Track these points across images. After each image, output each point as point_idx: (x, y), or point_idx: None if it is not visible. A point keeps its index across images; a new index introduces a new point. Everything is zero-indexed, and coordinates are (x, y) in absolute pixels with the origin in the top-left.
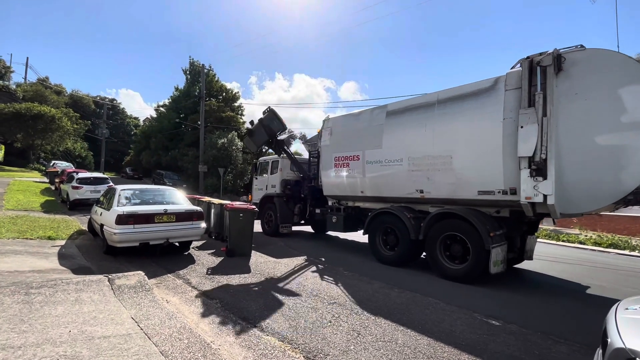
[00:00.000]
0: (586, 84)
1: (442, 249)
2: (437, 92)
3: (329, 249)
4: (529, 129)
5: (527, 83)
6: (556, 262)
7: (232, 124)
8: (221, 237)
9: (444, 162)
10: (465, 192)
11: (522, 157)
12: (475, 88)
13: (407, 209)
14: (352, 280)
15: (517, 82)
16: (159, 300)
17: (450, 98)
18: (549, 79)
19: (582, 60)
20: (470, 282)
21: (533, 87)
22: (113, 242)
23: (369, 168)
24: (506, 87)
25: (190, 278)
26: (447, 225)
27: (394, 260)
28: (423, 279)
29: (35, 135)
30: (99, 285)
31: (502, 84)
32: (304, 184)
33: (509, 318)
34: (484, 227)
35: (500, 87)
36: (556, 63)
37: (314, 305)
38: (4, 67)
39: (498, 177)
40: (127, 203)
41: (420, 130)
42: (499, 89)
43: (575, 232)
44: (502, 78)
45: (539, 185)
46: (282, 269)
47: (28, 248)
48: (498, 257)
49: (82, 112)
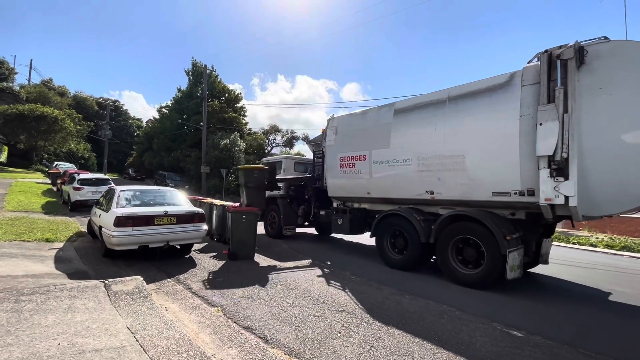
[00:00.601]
0: (611, 78)
1: (455, 253)
2: (447, 89)
3: (334, 252)
4: (549, 126)
5: (546, 78)
6: (571, 266)
7: (234, 125)
8: (223, 240)
9: (455, 161)
10: (479, 194)
11: (541, 156)
12: (489, 84)
13: (416, 211)
14: (360, 286)
15: (534, 77)
16: (157, 308)
17: (462, 95)
18: (570, 73)
19: (606, 53)
20: (484, 288)
21: (552, 82)
22: (111, 245)
23: (376, 168)
24: (523, 83)
25: (191, 283)
26: (460, 228)
27: (403, 264)
28: (434, 284)
29: (38, 136)
30: (94, 292)
31: (518, 80)
32: (307, 185)
33: (532, 328)
34: (500, 230)
35: (517, 82)
36: (578, 56)
37: (322, 314)
38: (8, 69)
39: (514, 177)
40: (127, 204)
41: (430, 128)
42: (515, 84)
43: (585, 234)
44: (518, 73)
45: (559, 186)
46: (286, 274)
47: (24, 251)
48: (515, 261)
49: (85, 114)
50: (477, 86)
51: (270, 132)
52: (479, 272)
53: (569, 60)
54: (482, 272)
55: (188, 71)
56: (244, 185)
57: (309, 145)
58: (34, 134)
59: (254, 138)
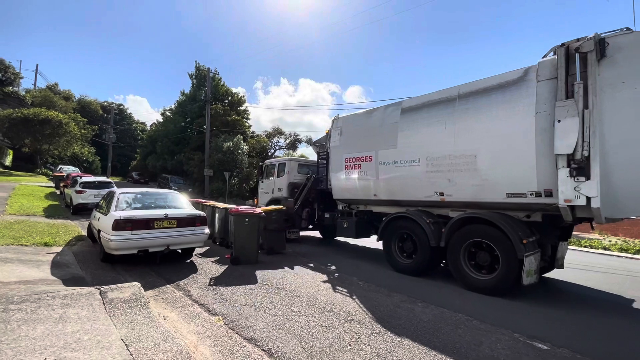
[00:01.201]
0: (635, 71)
1: (467, 258)
2: (457, 86)
3: (340, 256)
4: (568, 122)
5: (563, 72)
6: (586, 271)
7: (237, 127)
8: (226, 243)
9: (467, 161)
10: (492, 195)
11: (559, 154)
12: (501, 80)
13: (425, 213)
14: (369, 292)
15: (551, 71)
16: (155, 317)
17: (473, 92)
18: (590, 66)
19: (629, 45)
20: (499, 295)
21: (570, 76)
22: (110, 250)
23: (383, 169)
24: (538, 78)
25: (191, 290)
26: (473, 231)
27: (412, 269)
28: (446, 290)
29: (43, 140)
30: (88, 299)
31: (533, 75)
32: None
33: (557, 340)
34: (516, 233)
35: (532, 77)
36: (598, 48)
37: (330, 323)
38: (14, 74)
39: (530, 177)
40: (127, 207)
41: (440, 127)
42: (529, 80)
43: (597, 237)
44: (533, 68)
45: (580, 186)
46: (291, 279)
47: (21, 255)
48: (531, 266)
49: (89, 117)
50: (489, 83)
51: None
52: (494, 277)
53: (588, 53)
54: (497, 278)
55: (191, 75)
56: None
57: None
58: (38, 137)
59: (257, 141)
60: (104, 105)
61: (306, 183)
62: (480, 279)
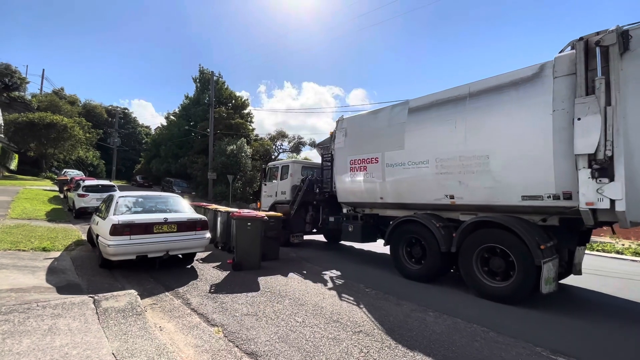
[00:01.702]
0: None
1: (480, 264)
2: (468, 84)
3: (345, 261)
4: (589, 120)
5: (583, 67)
6: (604, 277)
7: (241, 130)
8: (228, 248)
9: (478, 163)
10: (506, 198)
11: (580, 154)
12: (515, 77)
13: (434, 217)
14: (376, 301)
15: (569, 67)
16: (150, 328)
17: (484, 90)
18: (612, 61)
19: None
20: (515, 303)
21: (591, 71)
22: (107, 255)
23: (389, 171)
24: (555, 74)
25: (191, 297)
26: (486, 235)
27: (421, 275)
28: (458, 298)
29: (48, 144)
30: (81, 309)
31: (549, 71)
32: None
33: (584, 355)
34: (533, 239)
35: (548, 74)
36: (621, 42)
37: (336, 335)
38: (20, 78)
39: (548, 179)
40: (127, 211)
41: (450, 127)
42: (545, 76)
43: (608, 241)
44: (549, 64)
45: (603, 188)
46: (295, 286)
47: (17, 261)
48: (550, 273)
49: (94, 122)
50: (502, 80)
51: (277, 138)
52: (509, 285)
53: (610, 47)
54: (513, 285)
55: (195, 78)
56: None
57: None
58: (43, 141)
59: (260, 144)
60: (108, 110)
61: (301, 186)
62: (494, 287)
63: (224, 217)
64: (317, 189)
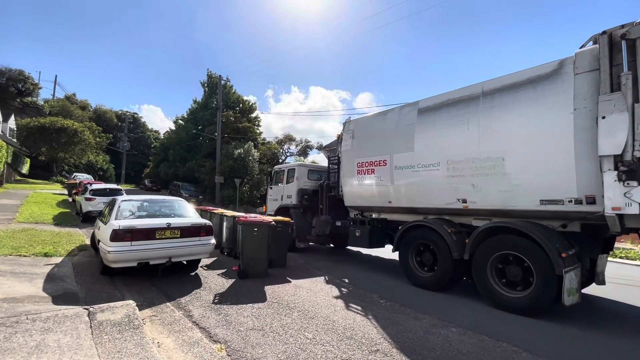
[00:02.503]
0: None
1: (495, 272)
2: (481, 83)
3: (355, 269)
4: (615, 119)
5: (607, 62)
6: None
7: (248, 134)
8: (234, 254)
9: (493, 165)
10: (523, 202)
11: (605, 155)
12: (532, 74)
13: (446, 222)
14: (392, 314)
15: (591, 62)
16: (148, 344)
17: (499, 88)
18: (639, 54)
19: None
20: (533, 315)
21: (616, 67)
22: (108, 262)
23: (398, 174)
24: (576, 71)
25: (193, 309)
26: (501, 242)
27: (431, 283)
28: (481, 311)
29: (59, 148)
30: (74, 323)
31: (569, 67)
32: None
33: None
34: (553, 246)
35: (568, 70)
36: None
37: (351, 355)
38: (33, 84)
39: (569, 182)
40: (130, 216)
41: (462, 128)
42: (566, 73)
43: (630, 247)
44: (569, 60)
45: (632, 192)
46: (304, 296)
47: (16, 268)
48: (572, 283)
49: (105, 126)
50: (518, 77)
51: (285, 142)
52: (527, 295)
53: (637, 40)
54: (531, 296)
55: (203, 83)
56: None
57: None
58: (54, 145)
59: (268, 147)
60: (118, 114)
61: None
62: (511, 297)
63: (230, 222)
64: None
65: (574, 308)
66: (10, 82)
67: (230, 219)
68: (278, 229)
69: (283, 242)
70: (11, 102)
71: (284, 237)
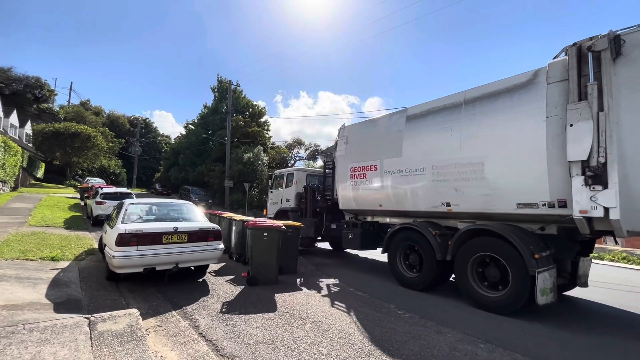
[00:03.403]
0: None
1: (475, 273)
2: (464, 92)
3: (368, 276)
4: (581, 126)
5: (575, 73)
6: None
7: (258, 138)
8: (243, 259)
9: (474, 170)
10: (501, 205)
11: (573, 161)
12: (509, 84)
13: (432, 225)
14: (413, 327)
15: (562, 73)
16: (150, 358)
17: (479, 97)
18: (604, 66)
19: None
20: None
21: (584, 77)
22: (113, 267)
23: (388, 179)
24: (548, 80)
25: (200, 318)
26: (480, 244)
27: (417, 283)
28: (509, 325)
29: (72, 152)
30: (73, 333)
31: (543, 77)
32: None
33: None
34: (527, 247)
35: (541, 80)
36: (613, 46)
37: None
38: (49, 91)
39: (542, 186)
40: (137, 219)
41: (445, 134)
42: (539, 82)
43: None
44: (542, 70)
45: (597, 195)
46: (316, 306)
47: (21, 272)
48: (546, 284)
49: (117, 131)
50: (496, 87)
51: (294, 146)
52: (503, 295)
53: (602, 52)
54: (507, 296)
55: (214, 88)
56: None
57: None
58: (68, 150)
59: (277, 152)
60: (131, 120)
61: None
62: (489, 296)
63: (239, 226)
64: (318, 196)
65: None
66: (27, 88)
67: (239, 223)
68: (288, 233)
69: (293, 247)
70: (28, 108)
71: (294, 242)
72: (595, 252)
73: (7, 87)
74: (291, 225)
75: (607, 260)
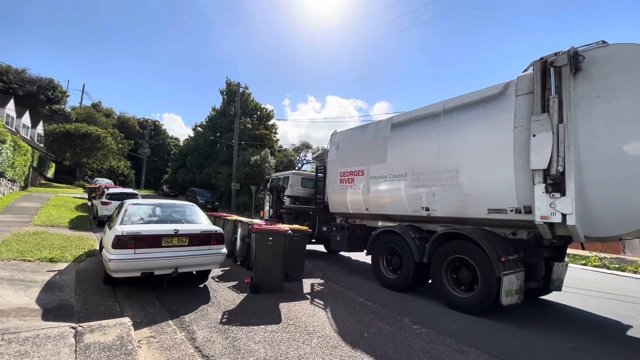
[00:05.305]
0: (610, 85)
1: (449, 274)
2: (443, 102)
3: (376, 282)
4: (543, 137)
5: (539, 86)
6: None
7: (265, 141)
8: (247, 264)
9: (450, 176)
10: (474, 211)
11: (535, 169)
12: (483, 95)
13: (412, 228)
14: (430, 345)
15: (529, 86)
16: None
17: (456, 107)
18: (564, 80)
19: (604, 58)
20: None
21: (547, 90)
22: (109, 271)
23: (374, 184)
24: (517, 93)
25: (197, 330)
26: (454, 247)
27: (396, 284)
28: (535, 341)
29: (82, 153)
30: (56, 345)
31: (512, 89)
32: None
33: None
34: (494, 251)
35: (511, 92)
36: (573, 62)
37: None
38: (61, 92)
39: (510, 193)
40: (137, 221)
41: (425, 142)
42: (509, 94)
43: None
44: (512, 83)
45: (556, 202)
46: (324, 318)
47: (15, 274)
48: (512, 285)
49: (127, 133)
50: (472, 97)
51: (301, 149)
52: (472, 295)
53: (562, 67)
54: (476, 297)
55: (222, 91)
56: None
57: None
58: (78, 151)
59: (284, 155)
60: (140, 122)
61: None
62: (460, 297)
63: (244, 229)
64: (283, 197)
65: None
66: (40, 90)
67: (244, 226)
68: (295, 238)
69: (300, 252)
70: (40, 110)
71: (300, 248)
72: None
73: (20, 88)
74: (298, 230)
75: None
